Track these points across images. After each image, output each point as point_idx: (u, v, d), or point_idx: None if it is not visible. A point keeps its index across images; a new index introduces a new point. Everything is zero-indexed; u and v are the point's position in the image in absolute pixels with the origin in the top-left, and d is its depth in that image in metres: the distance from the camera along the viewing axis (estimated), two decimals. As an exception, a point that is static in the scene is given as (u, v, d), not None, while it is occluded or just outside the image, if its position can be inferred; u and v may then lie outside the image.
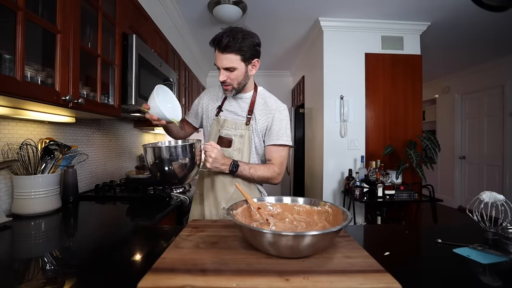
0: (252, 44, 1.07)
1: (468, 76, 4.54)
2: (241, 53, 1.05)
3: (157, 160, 0.97)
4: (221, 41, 1.02)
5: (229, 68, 1.06)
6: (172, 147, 0.98)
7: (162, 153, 0.97)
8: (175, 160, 0.96)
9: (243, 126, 1.14)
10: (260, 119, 1.15)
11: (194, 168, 1.03)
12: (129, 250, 0.78)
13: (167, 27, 2.44)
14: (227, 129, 1.17)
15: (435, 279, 0.59)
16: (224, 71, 1.08)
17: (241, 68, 1.08)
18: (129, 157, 2.21)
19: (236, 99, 1.19)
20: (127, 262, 0.69)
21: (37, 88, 0.88)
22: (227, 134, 1.17)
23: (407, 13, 2.70)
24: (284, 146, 1.15)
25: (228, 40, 1.02)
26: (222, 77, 1.08)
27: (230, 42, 1.02)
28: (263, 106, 1.16)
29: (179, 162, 0.97)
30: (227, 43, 1.02)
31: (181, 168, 0.98)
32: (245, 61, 1.07)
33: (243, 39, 1.04)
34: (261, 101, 1.17)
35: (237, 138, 1.15)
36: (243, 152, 1.14)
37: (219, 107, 1.21)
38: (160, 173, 0.98)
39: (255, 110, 1.15)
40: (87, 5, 1.17)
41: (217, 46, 1.05)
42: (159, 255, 0.61)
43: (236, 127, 1.16)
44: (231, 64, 1.05)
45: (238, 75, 1.08)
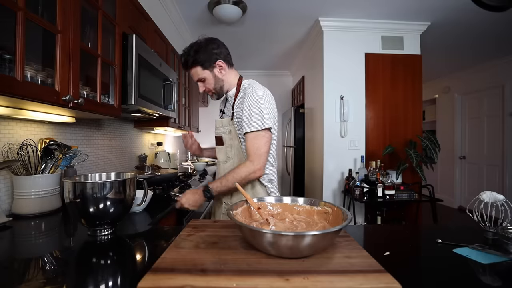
0: (206, 52, 1.14)
1: (468, 76, 4.54)
2: (199, 64, 1.15)
3: (78, 198, 0.78)
4: (182, 62, 1.19)
5: (199, 79, 1.18)
6: (99, 184, 0.81)
7: (85, 190, 0.79)
8: (103, 198, 0.80)
9: (229, 122, 1.19)
10: (238, 112, 1.14)
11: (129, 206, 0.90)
12: (129, 250, 0.78)
13: (167, 27, 2.44)
14: (217, 128, 1.25)
15: (435, 279, 0.59)
16: (199, 83, 1.20)
17: (208, 76, 1.17)
18: (129, 157, 2.21)
19: (228, 98, 1.27)
20: (127, 262, 0.69)
21: (37, 88, 0.88)
22: (218, 133, 1.24)
23: (407, 13, 2.70)
24: (255, 132, 1.06)
25: (184, 59, 1.17)
26: (201, 88, 1.22)
27: (186, 60, 1.16)
28: (241, 98, 1.14)
29: (109, 199, 0.81)
30: (184, 62, 1.18)
31: (111, 207, 0.82)
32: (207, 68, 1.16)
33: (195, 52, 1.14)
34: (241, 94, 1.17)
35: (226, 135, 1.20)
36: (235, 147, 1.19)
37: (221, 110, 1.33)
38: (83, 214, 0.81)
39: (235, 103, 1.17)
40: (87, 5, 1.17)
41: (184, 67, 1.20)
42: (159, 255, 0.61)
43: (223, 125, 1.22)
44: (198, 76, 1.17)
45: (210, 82, 1.18)
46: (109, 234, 0.85)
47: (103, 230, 0.84)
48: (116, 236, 0.85)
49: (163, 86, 1.86)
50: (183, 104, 2.89)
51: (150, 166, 2.06)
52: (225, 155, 1.22)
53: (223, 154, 1.23)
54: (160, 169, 2.15)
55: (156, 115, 1.92)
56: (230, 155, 1.20)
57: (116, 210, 0.83)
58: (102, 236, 0.83)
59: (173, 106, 2.03)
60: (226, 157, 1.21)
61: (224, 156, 1.22)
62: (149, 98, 1.60)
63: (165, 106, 1.89)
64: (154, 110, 1.69)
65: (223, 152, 1.22)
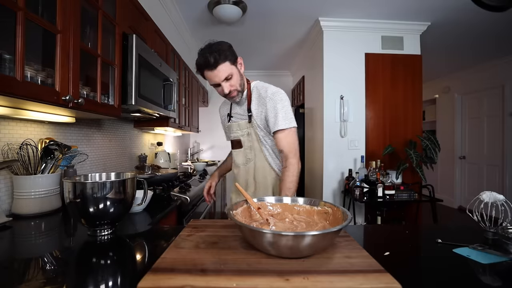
0: (227, 48, 1.12)
1: (468, 76, 4.54)
2: (228, 59, 1.11)
3: (78, 198, 0.79)
4: (209, 61, 1.08)
5: (227, 77, 1.12)
6: (99, 184, 0.81)
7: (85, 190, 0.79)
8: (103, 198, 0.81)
9: (246, 125, 1.20)
10: (257, 113, 1.18)
11: (129, 206, 0.90)
12: (129, 250, 0.78)
13: (167, 27, 2.44)
14: (234, 132, 1.25)
15: (435, 279, 0.59)
16: (225, 82, 1.12)
17: (235, 72, 1.14)
18: (129, 157, 2.21)
19: (237, 102, 1.25)
20: (127, 262, 0.69)
21: (37, 88, 0.88)
22: (236, 136, 1.25)
23: (407, 13, 2.70)
24: (286, 129, 1.13)
25: (214, 57, 1.08)
26: (226, 89, 1.13)
27: (216, 57, 1.08)
28: (257, 99, 1.19)
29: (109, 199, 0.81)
30: (214, 58, 1.08)
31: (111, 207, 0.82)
32: (233, 63, 1.14)
33: (219, 48, 1.10)
34: (255, 95, 1.21)
35: (245, 137, 1.20)
36: (255, 149, 1.20)
37: (228, 115, 1.31)
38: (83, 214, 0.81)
39: (252, 105, 1.19)
40: (87, 5, 1.17)
41: (206, 68, 1.10)
42: (159, 255, 0.61)
43: (240, 128, 1.22)
44: (227, 72, 1.11)
45: (236, 78, 1.15)
46: (109, 234, 0.85)
47: (103, 230, 0.84)
48: (116, 236, 0.85)
49: (163, 86, 1.86)
50: (183, 104, 2.89)
51: (150, 166, 2.06)
52: (244, 157, 1.23)
53: (242, 156, 1.24)
54: (160, 169, 2.15)
55: (156, 115, 1.92)
56: (250, 157, 1.21)
57: (116, 210, 0.83)
58: (102, 236, 0.83)
59: (173, 106, 2.03)
60: (246, 159, 1.22)
61: (244, 158, 1.23)
62: (149, 98, 1.60)
63: (165, 106, 1.89)
64: (154, 110, 1.69)
65: (242, 154, 1.23)
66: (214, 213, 3.03)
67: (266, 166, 1.21)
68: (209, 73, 1.10)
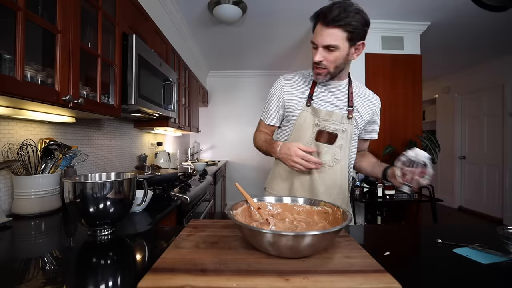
0: (363, 22, 0.89)
1: (468, 76, 4.54)
2: (349, 30, 0.87)
3: (78, 198, 0.78)
4: (330, 12, 0.86)
5: (330, 46, 0.89)
6: (99, 184, 0.81)
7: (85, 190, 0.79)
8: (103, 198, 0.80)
9: (345, 120, 1.01)
10: (363, 113, 1.05)
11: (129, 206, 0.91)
12: (129, 250, 0.78)
13: (167, 27, 2.44)
14: (330, 122, 1.00)
15: (435, 279, 0.59)
16: (323, 50, 0.91)
17: (343, 49, 0.91)
18: (129, 157, 2.21)
19: (329, 87, 1.03)
20: (127, 262, 0.69)
21: (37, 88, 0.88)
22: (333, 129, 1.00)
23: (407, 13, 2.71)
24: None
25: (338, 12, 0.85)
26: (319, 56, 0.92)
27: (341, 14, 0.85)
28: (362, 98, 1.06)
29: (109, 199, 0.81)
30: (337, 14, 0.85)
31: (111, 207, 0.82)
32: (351, 40, 0.90)
33: (355, 13, 0.87)
34: (358, 92, 1.06)
35: (341, 133, 1.01)
36: (344, 149, 1.02)
37: (309, 96, 1.03)
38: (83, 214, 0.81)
39: (355, 102, 1.03)
40: (87, 5, 1.17)
41: (321, 19, 0.89)
42: (159, 255, 0.61)
43: (337, 121, 1.01)
44: (334, 42, 0.88)
45: (338, 57, 0.92)
46: (109, 234, 0.85)
47: (103, 230, 0.84)
48: (116, 236, 0.85)
49: (163, 86, 1.86)
50: (183, 104, 2.89)
51: (150, 166, 2.06)
52: (332, 157, 1.02)
53: (330, 155, 1.02)
54: (160, 169, 2.15)
55: (156, 115, 1.92)
56: (338, 157, 1.02)
57: (116, 210, 0.83)
58: (102, 236, 0.83)
59: (173, 106, 2.03)
60: (334, 159, 1.02)
61: (331, 157, 1.02)
62: (149, 98, 1.60)
63: (165, 106, 1.89)
64: (154, 110, 1.69)
65: (331, 153, 1.01)
66: (214, 213, 3.03)
67: (346, 170, 1.06)
68: (319, 27, 0.90)
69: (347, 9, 0.86)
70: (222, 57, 4.10)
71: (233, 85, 4.82)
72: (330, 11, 0.86)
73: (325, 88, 1.05)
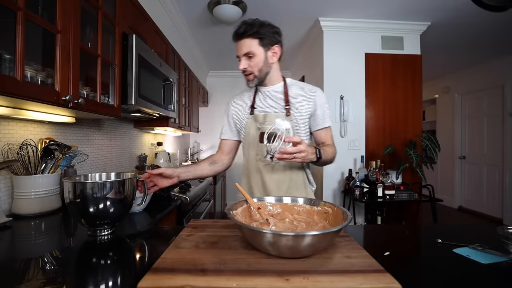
0: (271, 30, 1.07)
1: (468, 76, 4.54)
2: (259, 37, 1.05)
3: (78, 198, 0.79)
4: (240, 28, 1.06)
5: (248, 53, 1.06)
6: (99, 184, 0.82)
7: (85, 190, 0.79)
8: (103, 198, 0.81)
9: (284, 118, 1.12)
10: (301, 107, 1.14)
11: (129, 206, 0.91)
12: (129, 250, 0.78)
13: (167, 27, 2.44)
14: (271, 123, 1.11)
15: (435, 279, 0.59)
16: (244, 58, 1.08)
17: (259, 54, 1.07)
18: (129, 157, 2.21)
19: (266, 93, 1.17)
20: (127, 262, 0.69)
21: (37, 88, 0.88)
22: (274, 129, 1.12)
23: (407, 13, 2.71)
24: (329, 127, 1.19)
25: (245, 27, 1.05)
26: (243, 65, 1.08)
27: (247, 28, 1.05)
28: (299, 94, 1.15)
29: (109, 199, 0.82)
30: (244, 29, 1.05)
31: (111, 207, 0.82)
32: (264, 46, 1.07)
33: (261, 25, 1.05)
34: (294, 89, 1.16)
35: None
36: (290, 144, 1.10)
37: (251, 106, 1.18)
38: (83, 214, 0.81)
39: (291, 99, 1.14)
40: (87, 5, 1.17)
41: (235, 36, 1.08)
42: (159, 255, 0.61)
43: None
44: (249, 49, 1.06)
45: (258, 61, 1.08)
46: (109, 234, 0.85)
47: (103, 230, 0.85)
48: (116, 236, 0.85)
49: (163, 86, 1.86)
50: (183, 104, 2.89)
51: (150, 166, 2.06)
52: None
53: None
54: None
55: (156, 115, 1.92)
56: None
57: (116, 210, 0.83)
58: (102, 236, 0.83)
59: (173, 106, 2.03)
60: None
61: None
62: (149, 98, 1.60)
63: (165, 106, 1.89)
64: (154, 110, 1.69)
65: None
66: (214, 213, 3.03)
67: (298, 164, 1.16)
68: (238, 42, 1.09)
69: (253, 23, 1.06)
70: (222, 57, 4.10)
71: (233, 85, 4.82)
72: (240, 27, 1.07)
73: (263, 95, 1.18)
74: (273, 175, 1.14)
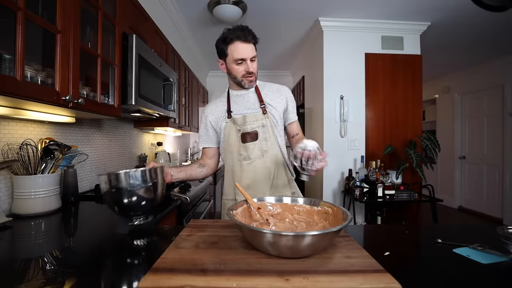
0: None
1: (468, 76, 4.54)
2: (255, 43, 1.14)
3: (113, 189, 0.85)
4: (248, 32, 1.10)
5: (253, 57, 1.14)
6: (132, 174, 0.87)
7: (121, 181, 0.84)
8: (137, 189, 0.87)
9: (261, 117, 1.19)
10: (276, 104, 1.22)
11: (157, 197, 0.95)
12: (129, 250, 0.78)
13: (167, 27, 2.44)
14: (249, 123, 1.19)
15: (435, 279, 0.59)
16: (251, 62, 1.14)
17: (256, 58, 1.16)
18: (129, 157, 2.21)
19: (240, 96, 1.23)
20: (127, 262, 0.69)
21: (37, 88, 0.88)
22: (252, 128, 1.19)
23: (407, 13, 2.71)
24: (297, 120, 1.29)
25: (250, 32, 1.11)
26: (253, 67, 1.14)
27: (254, 35, 1.12)
28: (270, 92, 1.24)
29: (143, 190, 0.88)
30: (251, 34, 1.11)
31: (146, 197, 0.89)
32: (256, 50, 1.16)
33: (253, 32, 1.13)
34: (265, 89, 1.24)
35: (260, 128, 1.20)
36: (269, 140, 1.20)
37: (228, 110, 1.22)
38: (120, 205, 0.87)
39: (264, 98, 1.21)
40: (87, 5, 1.17)
41: (242, 38, 1.10)
42: (159, 255, 0.61)
43: (256, 119, 1.20)
44: (254, 53, 1.14)
45: (256, 64, 1.17)
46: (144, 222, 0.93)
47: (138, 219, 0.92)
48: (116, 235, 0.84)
49: (163, 86, 1.86)
50: (183, 104, 2.89)
51: (150, 166, 2.06)
52: (260, 150, 1.19)
53: (258, 149, 1.19)
54: (160, 169, 2.14)
55: (156, 115, 1.92)
56: (265, 148, 1.19)
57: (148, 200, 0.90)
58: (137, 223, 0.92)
59: (173, 106, 2.03)
60: (262, 151, 1.19)
61: (259, 151, 1.19)
62: (149, 98, 1.60)
63: (165, 106, 1.89)
64: (154, 110, 1.69)
65: (258, 147, 1.19)
66: (214, 213, 3.03)
67: (279, 155, 1.23)
68: (242, 44, 1.10)
69: (250, 29, 1.13)
70: (222, 57, 4.10)
71: (233, 85, 4.82)
72: (248, 32, 1.11)
73: (238, 98, 1.24)
74: (257, 168, 1.20)
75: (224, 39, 1.11)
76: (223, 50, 1.13)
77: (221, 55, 1.16)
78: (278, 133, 1.23)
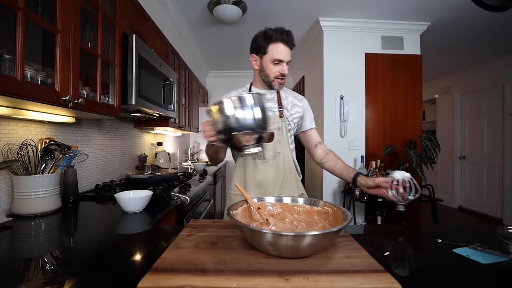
0: None
1: (468, 76, 4.54)
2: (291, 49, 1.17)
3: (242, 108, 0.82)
4: (292, 37, 1.15)
5: (289, 62, 1.18)
6: (259, 95, 0.86)
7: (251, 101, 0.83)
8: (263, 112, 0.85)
9: (277, 119, 1.22)
10: (293, 110, 1.25)
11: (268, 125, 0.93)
12: (129, 250, 0.78)
13: (167, 27, 2.44)
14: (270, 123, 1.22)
15: (435, 279, 0.59)
16: (286, 65, 1.17)
17: None
18: (129, 157, 2.21)
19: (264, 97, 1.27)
20: (127, 262, 0.69)
21: (37, 88, 0.88)
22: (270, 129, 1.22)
23: (407, 13, 2.71)
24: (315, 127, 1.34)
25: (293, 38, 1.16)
26: (287, 70, 1.18)
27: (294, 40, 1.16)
28: (289, 99, 1.27)
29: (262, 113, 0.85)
30: (293, 40, 1.16)
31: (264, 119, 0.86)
32: None
33: None
34: (284, 95, 1.27)
35: (276, 131, 1.22)
36: (283, 143, 1.24)
37: None
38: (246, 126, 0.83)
39: (284, 103, 1.24)
40: (87, 5, 1.17)
41: (287, 42, 1.14)
42: (159, 255, 0.61)
43: (274, 121, 1.23)
44: (290, 58, 1.18)
45: None
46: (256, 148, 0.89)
47: (252, 146, 0.88)
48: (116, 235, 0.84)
49: (163, 86, 1.86)
50: (183, 104, 2.89)
51: (150, 166, 2.06)
52: (274, 151, 1.24)
53: (272, 150, 1.24)
54: (160, 169, 2.15)
55: (156, 115, 1.92)
56: (279, 150, 1.24)
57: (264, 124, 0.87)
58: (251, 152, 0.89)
59: (173, 106, 2.03)
60: (276, 152, 1.24)
61: (273, 152, 1.24)
62: (149, 98, 1.60)
63: (165, 106, 1.89)
64: (154, 110, 1.69)
65: (271, 148, 1.23)
66: (214, 213, 3.03)
67: (290, 159, 1.27)
68: (284, 46, 1.14)
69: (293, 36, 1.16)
70: (222, 57, 4.10)
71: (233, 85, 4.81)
72: (292, 37, 1.15)
73: None
74: (269, 168, 1.23)
75: (268, 37, 1.13)
76: (263, 47, 1.15)
77: (258, 51, 1.17)
78: (291, 138, 1.28)
